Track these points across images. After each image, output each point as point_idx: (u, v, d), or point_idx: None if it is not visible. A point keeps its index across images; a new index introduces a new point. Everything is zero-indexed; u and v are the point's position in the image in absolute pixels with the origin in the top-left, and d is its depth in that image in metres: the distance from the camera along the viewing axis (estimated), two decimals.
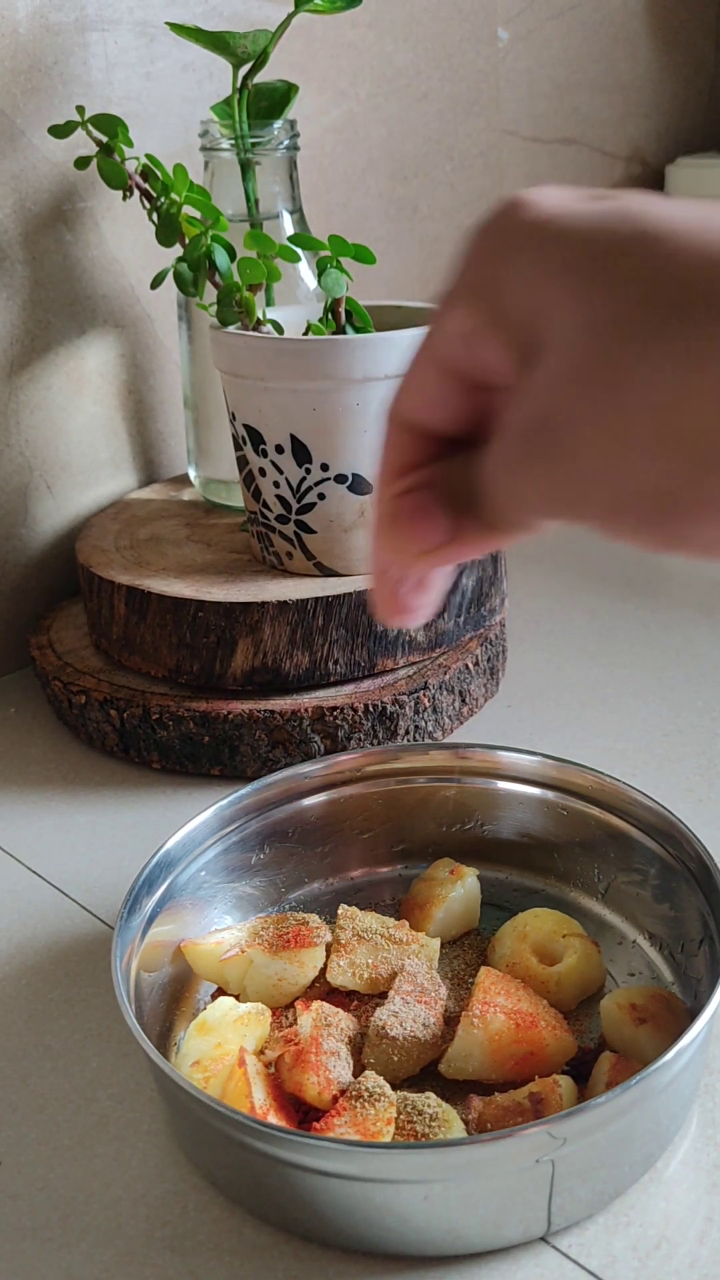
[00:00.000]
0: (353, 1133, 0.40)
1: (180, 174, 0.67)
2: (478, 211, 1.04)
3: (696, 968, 0.47)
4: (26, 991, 0.52)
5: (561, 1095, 0.42)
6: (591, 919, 0.53)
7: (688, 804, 0.61)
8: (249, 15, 0.82)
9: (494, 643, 0.71)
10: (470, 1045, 0.44)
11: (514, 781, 0.56)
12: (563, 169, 1.12)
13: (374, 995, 0.49)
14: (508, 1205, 0.38)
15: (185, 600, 0.65)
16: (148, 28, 0.77)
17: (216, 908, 0.53)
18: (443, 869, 0.54)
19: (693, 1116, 0.44)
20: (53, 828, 0.63)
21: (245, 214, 0.73)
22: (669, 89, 1.22)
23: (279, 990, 0.48)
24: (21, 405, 0.76)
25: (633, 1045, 0.44)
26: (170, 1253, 0.40)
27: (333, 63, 0.90)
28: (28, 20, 0.71)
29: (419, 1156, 0.37)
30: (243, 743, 0.64)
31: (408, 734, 0.66)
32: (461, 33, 0.99)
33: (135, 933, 0.47)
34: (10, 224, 0.73)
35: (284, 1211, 0.40)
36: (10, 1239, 0.41)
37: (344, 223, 0.93)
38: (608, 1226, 0.40)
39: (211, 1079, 0.43)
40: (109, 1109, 0.46)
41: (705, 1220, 0.40)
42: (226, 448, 0.76)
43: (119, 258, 0.79)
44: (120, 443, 0.83)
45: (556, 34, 1.07)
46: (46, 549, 0.80)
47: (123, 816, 0.64)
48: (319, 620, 0.65)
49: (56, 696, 0.70)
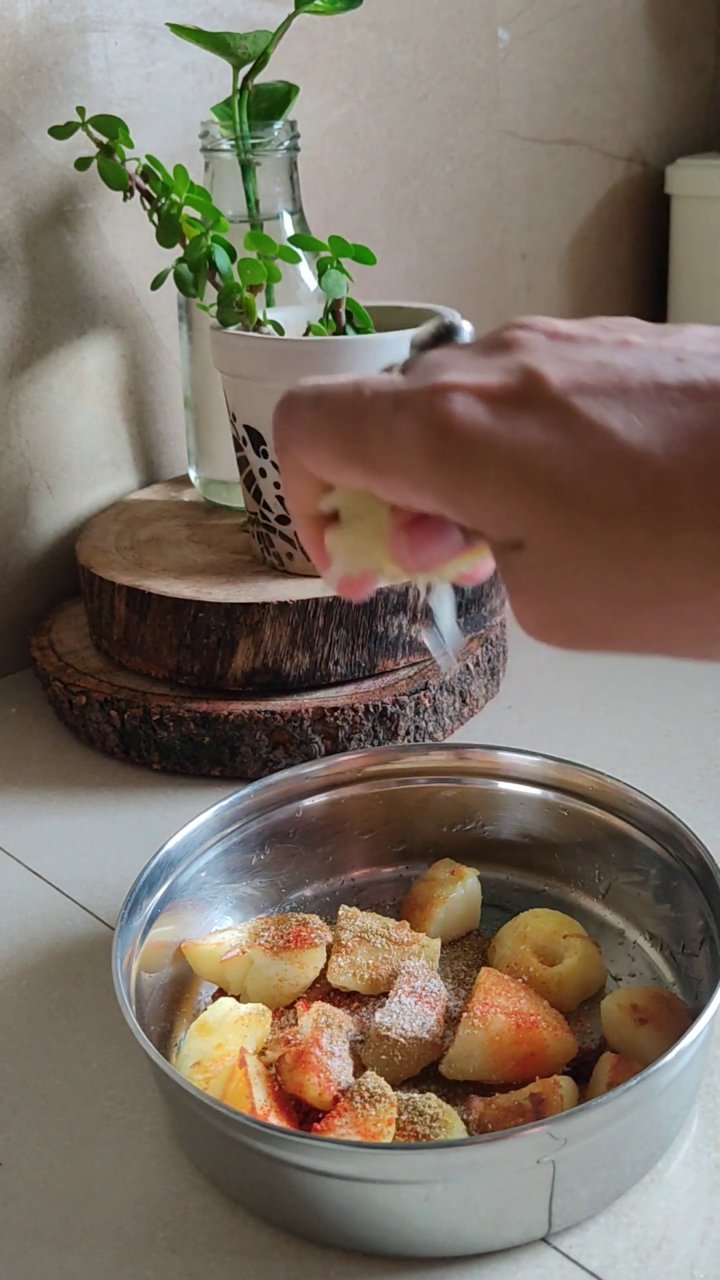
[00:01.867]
0: (353, 1133, 0.40)
1: (181, 175, 0.67)
2: (477, 212, 1.04)
3: (697, 968, 0.47)
4: (27, 992, 0.52)
5: (562, 1096, 0.42)
6: (592, 919, 0.53)
7: (688, 804, 0.61)
8: (249, 16, 0.82)
9: (494, 643, 0.71)
10: (471, 1046, 0.44)
11: (515, 782, 0.56)
12: (563, 169, 1.12)
13: (375, 996, 0.49)
14: (508, 1206, 0.38)
15: (186, 601, 0.65)
16: (148, 29, 0.77)
17: (217, 908, 0.53)
18: (443, 870, 0.54)
19: (693, 1117, 0.44)
20: (53, 828, 0.63)
21: (245, 215, 0.73)
22: (669, 89, 1.22)
23: (280, 991, 0.48)
24: (22, 406, 0.76)
25: (633, 1046, 0.44)
26: (171, 1253, 0.40)
27: (333, 64, 0.90)
28: (28, 21, 0.71)
29: (420, 1157, 0.37)
30: (243, 743, 0.64)
31: (408, 734, 0.66)
32: (461, 33, 0.99)
33: (136, 933, 0.47)
34: (11, 225, 0.73)
35: (285, 1212, 0.40)
36: (11, 1240, 0.41)
37: (344, 223, 0.93)
38: (608, 1227, 0.40)
39: (212, 1080, 0.43)
40: (110, 1110, 0.46)
41: (706, 1221, 0.40)
42: (227, 448, 0.76)
43: (119, 259, 0.79)
44: (121, 443, 0.83)
45: (556, 34, 1.07)
46: (47, 550, 0.80)
47: (123, 817, 0.64)
48: (319, 621, 0.65)
49: (57, 697, 0.70)
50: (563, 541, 0.29)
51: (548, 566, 0.29)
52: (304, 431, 0.33)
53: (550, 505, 0.28)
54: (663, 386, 0.28)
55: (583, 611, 0.30)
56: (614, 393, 0.28)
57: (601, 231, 1.18)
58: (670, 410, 0.28)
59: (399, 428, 0.30)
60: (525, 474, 0.29)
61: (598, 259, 1.19)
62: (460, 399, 0.30)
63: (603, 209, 1.18)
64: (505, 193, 1.07)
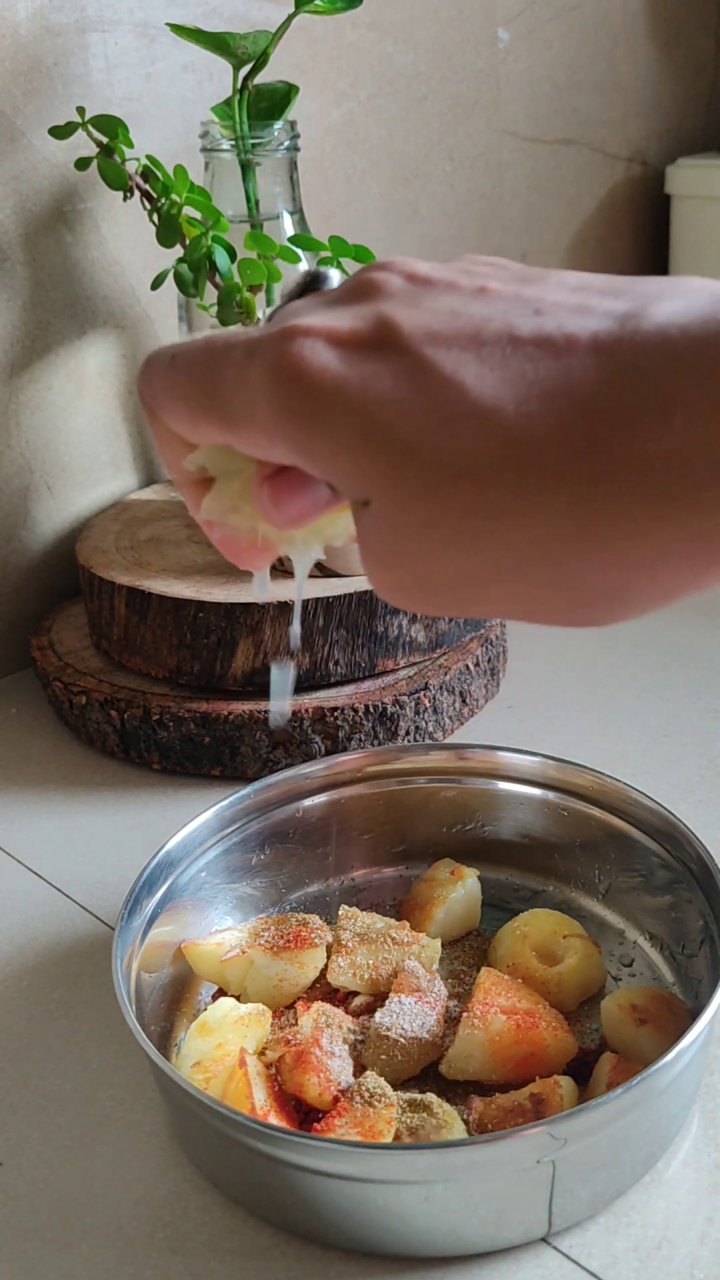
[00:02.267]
0: (353, 1133, 0.40)
1: (181, 175, 0.67)
2: (478, 211, 1.04)
3: (697, 968, 0.47)
4: (27, 992, 0.52)
5: (562, 1096, 0.42)
6: (592, 919, 0.53)
7: (688, 804, 0.61)
8: (249, 16, 0.82)
9: (494, 643, 0.71)
10: (471, 1046, 0.44)
11: (514, 782, 0.56)
12: (563, 169, 1.12)
13: (375, 996, 0.49)
14: (508, 1206, 0.38)
15: (186, 601, 0.65)
16: (148, 29, 0.77)
17: (217, 908, 0.53)
18: (443, 869, 0.54)
19: (693, 1117, 0.44)
20: (53, 828, 0.63)
21: (245, 215, 0.73)
22: (669, 89, 1.22)
23: (280, 991, 0.48)
24: (22, 406, 0.76)
25: (633, 1046, 0.44)
26: (171, 1253, 0.40)
27: (333, 64, 0.90)
28: (28, 21, 0.71)
29: (420, 1157, 0.37)
30: (243, 743, 0.64)
31: (408, 735, 0.66)
32: (461, 33, 0.99)
33: (136, 933, 0.47)
34: (11, 225, 0.73)
35: (285, 1212, 0.40)
36: (11, 1240, 0.41)
37: (344, 223, 0.93)
38: (608, 1227, 0.40)
39: (212, 1080, 0.43)
40: (110, 1110, 0.46)
41: (706, 1221, 0.40)
42: None
43: (119, 259, 0.79)
44: (120, 443, 0.83)
45: (556, 34, 1.07)
46: (47, 550, 0.80)
47: (123, 817, 0.64)
48: (319, 621, 0.65)
49: (57, 697, 0.70)
50: (412, 500, 0.27)
51: (397, 528, 0.28)
52: (161, 391, 0.33)
53: (398, 462, 0.27)
54: (517, 339, 0.27)
55: (434, 576, 0.28)
56: (467, 344, 0.27)
57: (601, 231, 1.18)
58: (524, 365, 0.26)
59: (251, 376, 0.29)
60: (373, 427, 0.27)
61: (598, 259, 1.19)
62: (309, 344, 0.29)
63: (603, 209, 1.18)
64: (505, 193, 1.07)
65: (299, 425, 0.29)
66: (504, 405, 0.26)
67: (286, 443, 0.29)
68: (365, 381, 0.28)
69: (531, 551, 0.27)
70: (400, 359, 0.28)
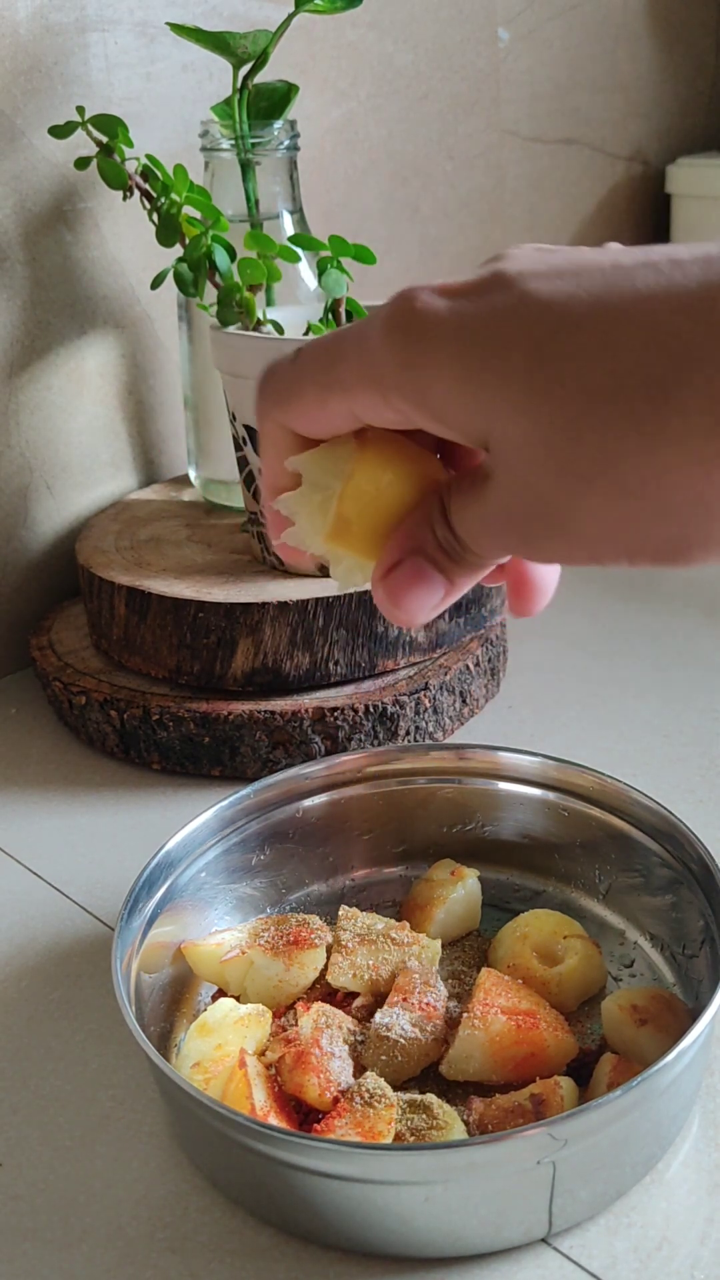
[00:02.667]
0: (353, 1134, 0.40)
1: (180, 174, 0.67)
2: (478, 211, 1.04)
3: (698, 969, 0.47)
4: (27, 992, 0.52)
5: (562, 1096, 0.42)
6: (592, 920, 0.53)
7: (688, 804, 0.61)
8: (249, 15, 0.82)
9: (494, 643, 0.71)
10: (471, 1046, 0.44)
11: (515, 782, 0.56)
12: (563, 169, 1.12)
13: (375, 996, 0.49)
14: (509, 1207, 0.38)
15: (185, 601, 0.65)
16: (148, 28, 0.77)
17: (217, 909, 0.53)
18: (443, 870, 0.54)
19: (694, 1118, 0.44)
20: (53, 828, 0.63)
21: (245, 214, 0.73)
22: (669, 89, 1.22)
23: (280, 991, 0.48)
24: (22, 406, 0.76)
25: (634, 1046, 0.44)
26: (171, 1254, 0.40)
27: (333, 63, 0.90)
28: (28, 21, 0.71)
29: (420, 1158, 0.37)
30: (243, 743, 0.64)
31: (408, 735, 0.66)
32: (461, 33, 0.99)
33: (135, 934, 0.47)
34: (10, 224, 0.73)
35: (285, 1213, 0.40)
36: (11, 1240, 0.41)
37: (344, 223, 0.93)
38: (609, 1228, 0.40)
39: (212, 1080, 0.43)
40: (110, 1110, 0.46)
41: (706, 1221, 0.40)
42: (227, 448, 0.75)
43: (119, 258, 0.79)
44: (120, 443, 0.83)
45: (557, 34, 1.07)
46: (47, 550, 0.80)
47: (123, 817, 0.64)
48: (319, 621, 0.65)
49: (57, 697, 0.70)
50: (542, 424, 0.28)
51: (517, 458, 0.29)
52: (285, 386, 0.34)
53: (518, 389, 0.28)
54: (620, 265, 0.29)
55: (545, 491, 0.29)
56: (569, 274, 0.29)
57: (602, 231, 1.18)
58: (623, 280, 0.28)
59: (370, 339, 0.31)
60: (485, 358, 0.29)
61: None
62: (422, 294, 0.30)
63: (603, 208, 1.18)
64: (506, 192, 1.07)
65: (415, 371, 0.30)
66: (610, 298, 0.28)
67: (404, 394, 0.31)
68: (474, 316, 0.29)
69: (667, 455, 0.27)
70: (506, 293, 0.29)
